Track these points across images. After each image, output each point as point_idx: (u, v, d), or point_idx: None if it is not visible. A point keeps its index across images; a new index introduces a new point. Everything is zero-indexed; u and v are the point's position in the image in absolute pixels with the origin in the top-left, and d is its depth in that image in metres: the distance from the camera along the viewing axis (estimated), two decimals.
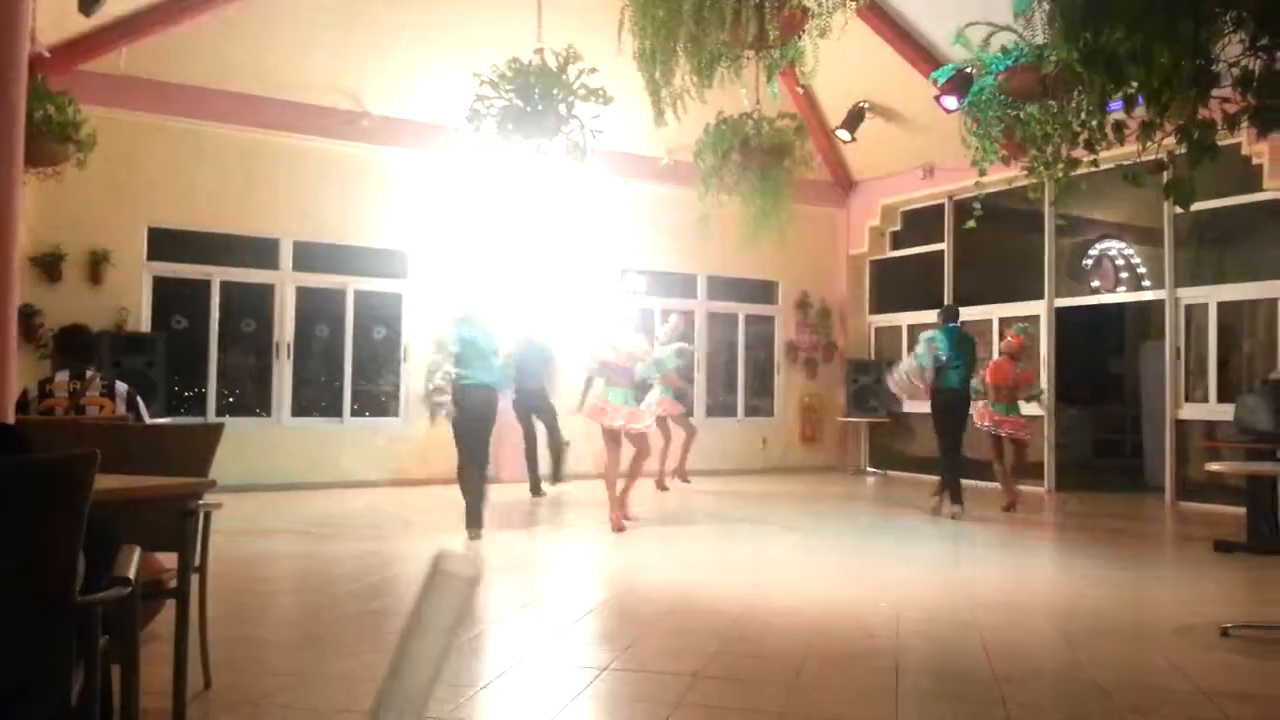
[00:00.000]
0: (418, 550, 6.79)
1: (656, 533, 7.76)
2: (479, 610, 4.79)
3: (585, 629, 4.72)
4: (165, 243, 9.95)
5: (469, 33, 9.38)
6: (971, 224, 5.93)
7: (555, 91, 6.91)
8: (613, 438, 7.62)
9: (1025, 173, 5.30)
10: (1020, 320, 10.61)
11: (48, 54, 7.57)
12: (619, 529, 7.52)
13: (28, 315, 8.56)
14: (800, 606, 5.15)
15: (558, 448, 9.84)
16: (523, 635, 4.43)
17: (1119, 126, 3.78)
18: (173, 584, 3.18)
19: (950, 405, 8.73)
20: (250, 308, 10.44)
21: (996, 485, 9.46)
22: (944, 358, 8.57)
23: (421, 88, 10.29)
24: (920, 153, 11.85)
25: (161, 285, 9.96)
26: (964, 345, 8.76)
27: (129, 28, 8.99)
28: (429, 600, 0.99)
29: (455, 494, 7.39)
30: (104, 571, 2.14)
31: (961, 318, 9.08)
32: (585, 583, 6.06)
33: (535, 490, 9.90)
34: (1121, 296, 12.22)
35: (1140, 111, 3.61)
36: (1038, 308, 11.41)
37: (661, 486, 10.47)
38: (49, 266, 9.15)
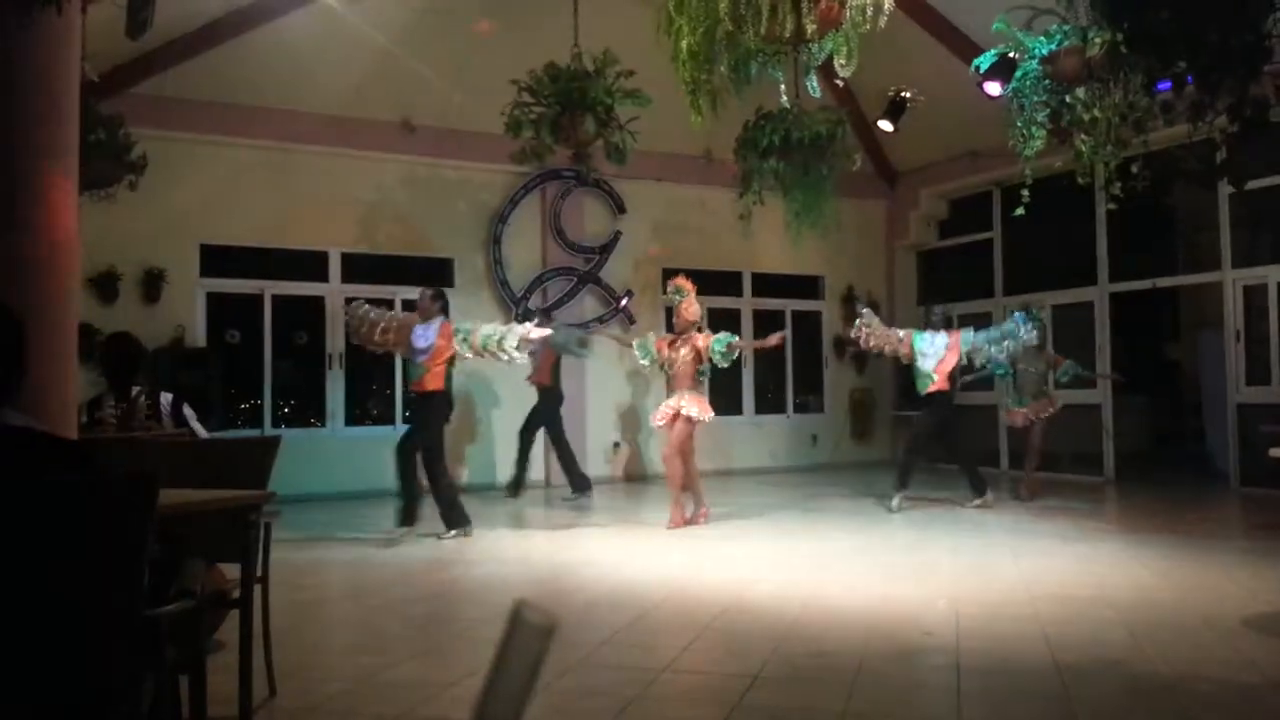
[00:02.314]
0: (469, 555, 6.86)
1: (709, 532, 7.74)
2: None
3: (641, 631, 4.72)
4: (217, 259, 10.14)
5: (508, 41, 9.42)
6: (1020, 211, 5.83)
7: (593, 95, 6.94)
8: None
9: (1074, 157, 5.21)
10: (1037, 306, 10.45)
11: (97, 79, 7.72)
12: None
13: (86, 335, 8.74)
14: (857, 605, 5.11)
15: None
16: (578, 638, 4.40)
17: (1167, 107, 3.71)
18: (236, 594, 3.25)
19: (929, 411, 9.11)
20: (302, 320, 10.60)
21: (1050, 478, 9.37)
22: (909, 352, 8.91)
23: (462, 97, 10.36)
24: (965, 140, 11.68)
25: (215, 301, 10.14)
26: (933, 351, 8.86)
27: (174, 50, 9.14)
28: (508, 650, 1.01)
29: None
30: (170, 584, 2.18)
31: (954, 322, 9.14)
32: (639, 584, 6.05)
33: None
34: (1177, 279, 11.94)
35: (1190, 91, 3.54)
36: (1091, 293, 11.21)
37: None
38: (105, 286, 9.36)
